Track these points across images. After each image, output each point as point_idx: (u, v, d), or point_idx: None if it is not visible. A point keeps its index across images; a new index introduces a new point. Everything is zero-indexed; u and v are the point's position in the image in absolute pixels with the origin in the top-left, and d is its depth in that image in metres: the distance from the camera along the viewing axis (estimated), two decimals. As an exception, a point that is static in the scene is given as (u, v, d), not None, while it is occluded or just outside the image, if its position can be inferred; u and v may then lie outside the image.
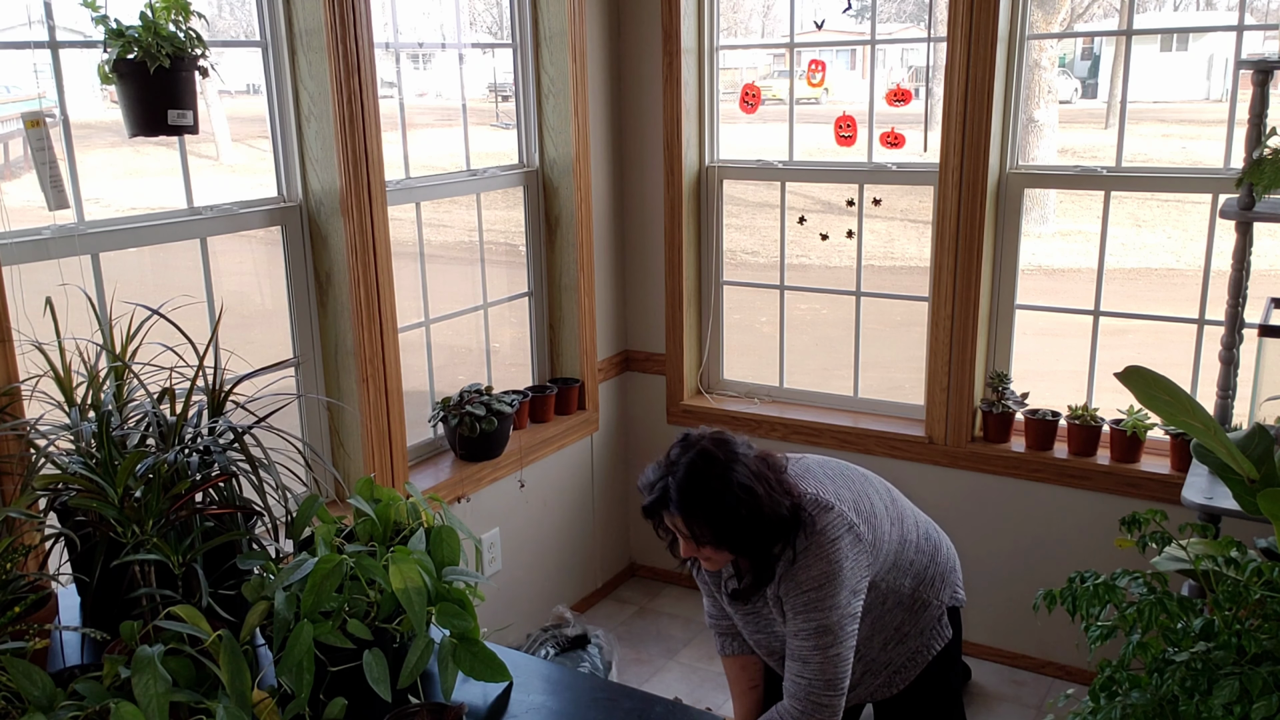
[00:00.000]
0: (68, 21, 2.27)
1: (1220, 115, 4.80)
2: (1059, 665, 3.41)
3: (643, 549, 4.20)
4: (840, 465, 2.11)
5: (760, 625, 2.07)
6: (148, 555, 1.58)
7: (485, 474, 3.32)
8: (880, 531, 2.01)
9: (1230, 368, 2.85)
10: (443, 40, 3.38)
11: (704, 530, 1.86)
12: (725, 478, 1.85)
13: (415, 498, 1.82)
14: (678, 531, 1.91)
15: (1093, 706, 1.13)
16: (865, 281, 3.70)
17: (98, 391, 1.99)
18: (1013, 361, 3.47)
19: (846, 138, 3.58)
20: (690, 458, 1.88)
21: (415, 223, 3.22)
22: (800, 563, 1.90)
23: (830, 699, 1.90)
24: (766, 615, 2.03)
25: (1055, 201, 9.19)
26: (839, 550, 1.90)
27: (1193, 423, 1.29)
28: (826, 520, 1.91)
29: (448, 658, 1.60)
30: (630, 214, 3.90)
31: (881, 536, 2.01)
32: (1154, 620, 1.19)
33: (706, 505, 1.85)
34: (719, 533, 1.86)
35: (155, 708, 1.30)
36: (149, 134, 2.22)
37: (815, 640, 1.90)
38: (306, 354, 2.88)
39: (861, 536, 1.94)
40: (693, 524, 1.86)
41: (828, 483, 2.00)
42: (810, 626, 1.90)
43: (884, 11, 7.40)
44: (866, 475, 2.12)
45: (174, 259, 2.93)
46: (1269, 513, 1.26)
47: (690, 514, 1.85)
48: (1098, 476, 3.24)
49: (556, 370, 3.79)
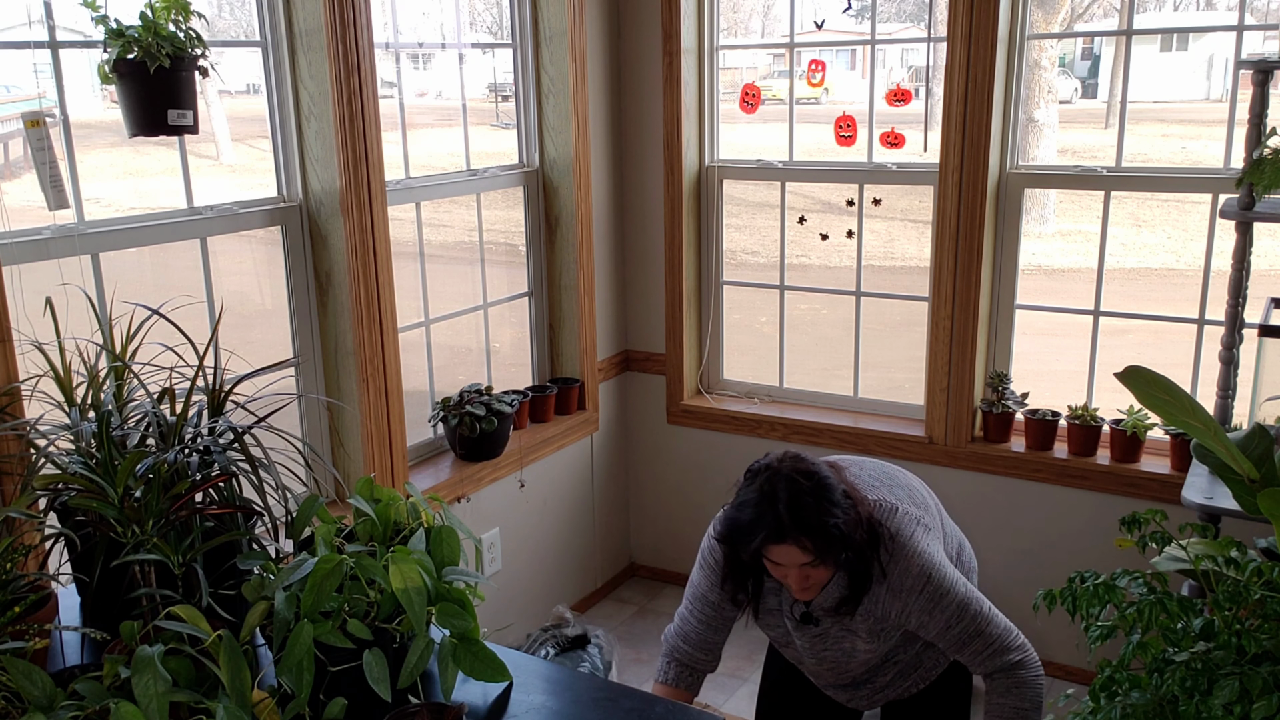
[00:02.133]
0: (68, 21, 2.26)
1: (1220, 115, 4.80)
2: (1059, 665, 3.41)
3: (643, 549, 4.20)
4: (879, 464, 2.14)
5: (830, 644, 2.06)
6: (148, 555, 1.58)
7: (485, 474, 3.32)
8: (936, 519, 2.08)
9: (1230, 368, 2.85)
10: (443, 40, 3.38)
11: (822, 547, 1.82)
12: (829, 491, 1.84)
13: (415, 498, 1.82)
14: (785, 562, 1.85)
15: (1093, 706, 1.13)
16: (865, 281, 3.69)
17: (98, 391, 1.99)
18: (1013, 361, 3.47)
19: (846, 138, 3.58)
20: (786, 481, 1.83)
21: (415, 223, 3.22)
22: (892, 574, 1.92)
23: (1019, 640, 1.97)
24: (836, 634, 2.04)
25: (1055, 201, 9.19)
26: (919, 544, 1.94)
27: (1193, 423, 1.29)
28: (896, 523, 1.95)
29: (448, 658, 1.60)
30: (630, 214, 3.90)
31: (938, 524, 2.08)
32: (1154, 620, 1.19)
33: (821, 522, 1.81)
34: (832, 547, 1.83)
35: (155, 708, 1.30)
36: (149, 134, 2.22)
37: (965, 620, 1.94)
38: (306, 354, 2.88)
39: (930, 526, 2.00)
40: (811, 545, 1.82)
41: (880, 486, 2.04)
42: (950, 615, 1.93)
43: (884, 11, 7.39)
44: (905, 472, 2.17)
45: (174, 259, 2.94)
46: (1269, 513, 1.26)
47: (811, 534, 1.81)
48: (1098, 476, 3.24)
49: (556, 370, 3.79)
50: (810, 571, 1.86)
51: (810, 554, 1.82)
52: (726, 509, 1.94)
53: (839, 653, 2.07)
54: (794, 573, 1.86)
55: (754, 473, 1.90)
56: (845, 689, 2.20)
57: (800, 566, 1.85)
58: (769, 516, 1.82)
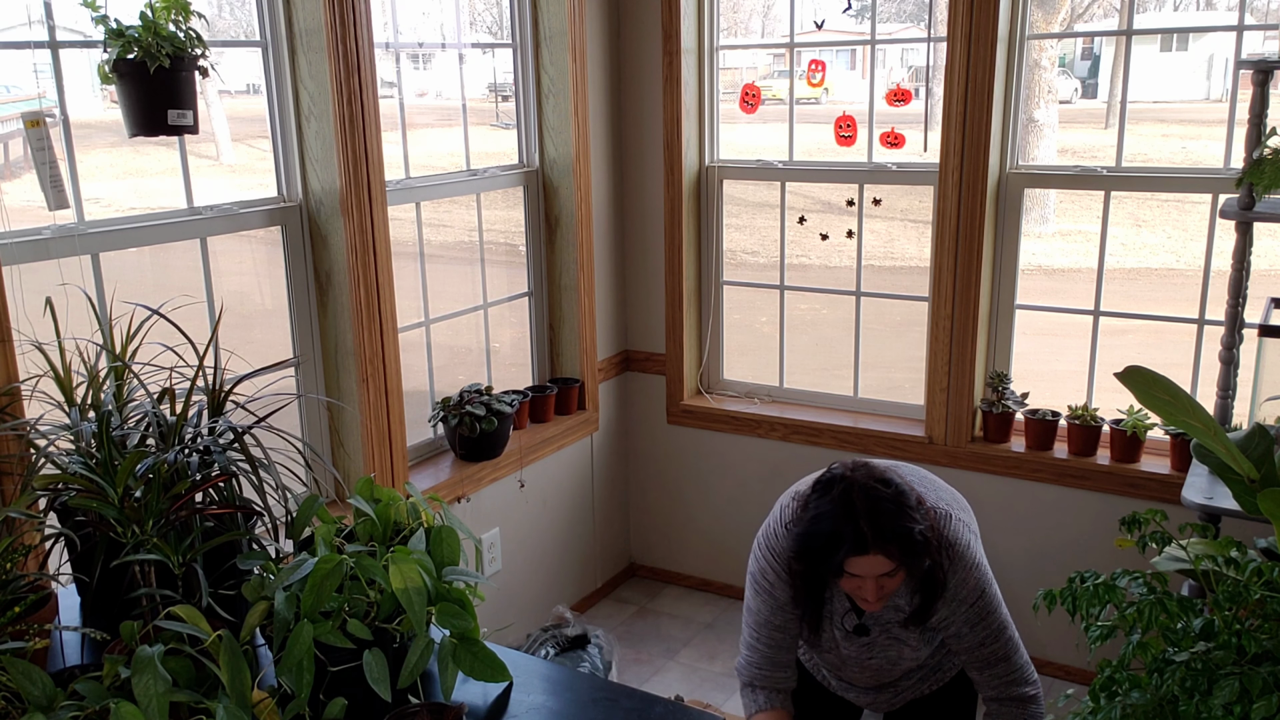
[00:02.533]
0: (68, 21, 2.26)
1: (1220, 115, 4.80)
2: (1059, 665, 3.41)
3: (643, 549, 4.20)
4: (915, 469, 2.11)
5: (876, 652, 2.03)
6: (148, 555, 1.58)
7: (485, 474, 3.32)
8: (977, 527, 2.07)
9: (1230, 368, 2.84)
10: (443, 40, 3.38)
11: (906, 556, 1.78)
12: (907, 498, 1.81)
13: (415, 498, 1.82)
14: (865, 573, 1.79)
15: (1093, 706, 1.13)
16: (865, 281, 3.69)
17: (98, 391, 1.99)
18: (1013, 361, 3.47)
19: (846, 138, 3.58)
20: (863, 490, 1.79)
21: (415, 223, 3.22)
22: (951, 581, 1.90)
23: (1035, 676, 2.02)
24: (883, 643, 2.01)
25: (1055, 201, 9.19)
26: (975, 555, 1.93)
27: (1193, 423, 1.29)
28: (953, 531, 1.92)
29: (448, 658, 1.60)
30: (630, 214, 3.90)
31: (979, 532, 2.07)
32: (1154, 620, 1.19)
33: (905, 529, 1.77)
34: (916, 556, 1.80)
35: (155, 708, 1.30)
36: (149, 134, 2.22)
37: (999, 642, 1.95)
38: (306, 354, 2.88)
39: (977, 534, 1.99)
40: (897, 554, 1.77)
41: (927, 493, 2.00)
42: (988, 633, 1.94)
43: (884, 11, 7.39)
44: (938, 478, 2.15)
45: (174, 259, 2.94)
46: (1269, 513, 1.26)
47: (896, 543, 1.76)
48: (1098, 476, 3.24)
49: (556, 370, 3.79)
50: (886, 581, 1.82)
51: (894, 563, 1.78)
52: (790, 526, 1.89)
53: (884, 660, 2.04)
54: (871, 583, 1.81)
55: (826, 484, 1.84)
56: (870, 691, 2.18)
57: (878, 577, 1.80)
58: (850, 528, 1.76)
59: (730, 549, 3.96)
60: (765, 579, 1.99)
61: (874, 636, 2.01)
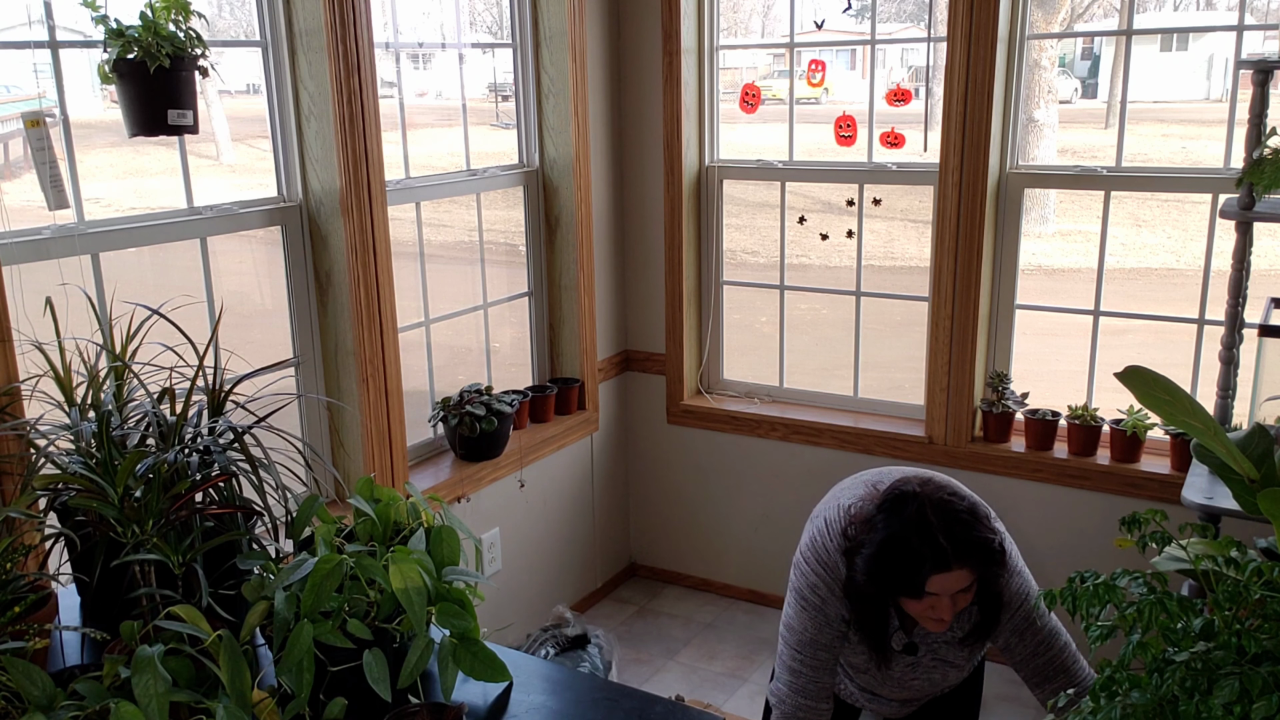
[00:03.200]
0: (68, 21, 2.26)
1: (1220, 115, 4.80)
2: (1059, 665, 3.41)
3: (643, 549, 4.20)
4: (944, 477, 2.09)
5: (920, 672, 1.99)
6: (148, 555, 1.58)
7: (485, 474, 3.32)
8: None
9: (1230, 368, 2.84)
10: (443, 40, 3.38)
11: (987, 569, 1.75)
12: (979, 508, 1.78)
13: (415, 498, 1.81)
14: (943, 591, 1.74)
15: (1093, 706, 1.12)
16: (865, 281, 3.69)
17: (98, 391, 1.99)
18: (1013, 361, 3.47)
19: (846, 138, 3.58)
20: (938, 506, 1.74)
21: (415, 222, 3.22)
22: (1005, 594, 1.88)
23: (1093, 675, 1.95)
24: (929, 664, 1.97)
25: (1055, 201, 9.19)
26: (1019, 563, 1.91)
27: (1193, 423, 1.29)
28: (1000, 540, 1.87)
29: (448, 658, 1.60)
30: (630, 214, 3.90)
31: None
32: (1154, 620, 1.18)
33: (984, 541, 1.74)
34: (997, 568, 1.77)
35: (155, 708, 1.30)
36: (149, 134, 2.22)
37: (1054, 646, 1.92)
38: (306, 354, 2.88)
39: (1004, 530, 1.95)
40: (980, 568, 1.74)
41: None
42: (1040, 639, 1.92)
43: (884, 11, 7.39)
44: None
45: (174, 259, 2.93)
46: (1269, 513, 1.25)
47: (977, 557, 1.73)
48: (1098, 476, 3.23)
49: (556, 370, 3.79)
50: (961, 598, 1.76)
51: (973, 577, 1.74)
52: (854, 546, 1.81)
53: (926, 682, 2.00)
54: (946, 601, 1.75)
55: (896, 502, 1.78)
56: (894, 704, 2.13)
57: (955, 594, 1.75)
58: (929, 546, 1.70)
59: (731, 549, 3.96)
60: (816, 594, 1.90)
61: (920, 656, 1.96)
